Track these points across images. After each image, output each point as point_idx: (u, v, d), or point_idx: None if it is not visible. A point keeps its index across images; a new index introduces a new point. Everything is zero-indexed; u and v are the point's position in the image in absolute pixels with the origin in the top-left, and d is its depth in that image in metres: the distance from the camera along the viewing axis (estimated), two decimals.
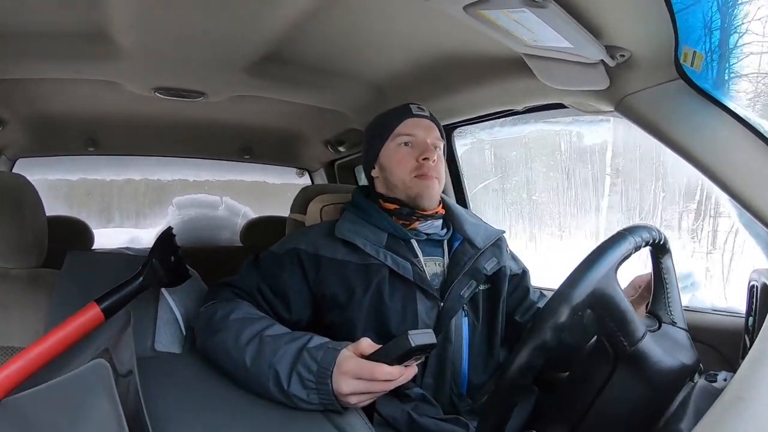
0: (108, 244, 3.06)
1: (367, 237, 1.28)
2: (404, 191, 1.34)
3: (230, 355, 1.04)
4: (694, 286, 1.58)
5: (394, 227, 1.32)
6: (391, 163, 1.36)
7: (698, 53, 0.97)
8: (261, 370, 0.98)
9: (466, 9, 0.91)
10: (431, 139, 1.37)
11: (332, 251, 1.28)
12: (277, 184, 3.58)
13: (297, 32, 1.34)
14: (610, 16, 0.95)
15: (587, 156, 2.67)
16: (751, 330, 1.04)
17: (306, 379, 0.93)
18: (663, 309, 0.99)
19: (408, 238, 1.32)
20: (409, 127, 1.37)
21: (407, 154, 1.35)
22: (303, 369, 0.94)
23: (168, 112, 2.23)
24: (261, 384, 0.98)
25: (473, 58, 1.45)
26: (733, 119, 1.07)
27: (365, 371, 0.91)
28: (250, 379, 1.00)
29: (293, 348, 0.98)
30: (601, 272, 0.84)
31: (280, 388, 0.95)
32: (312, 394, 0.93)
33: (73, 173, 3.06)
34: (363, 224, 1.33)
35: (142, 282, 1.11)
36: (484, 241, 1.35)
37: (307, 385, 0.93)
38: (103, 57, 1.48)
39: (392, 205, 1.36)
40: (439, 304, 1.26)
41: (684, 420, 0.79)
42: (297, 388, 0.94)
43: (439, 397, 1.24)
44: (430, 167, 1.33)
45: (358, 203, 1.41)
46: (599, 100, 1.25)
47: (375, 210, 1.36)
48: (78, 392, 0.70)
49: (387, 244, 1.29)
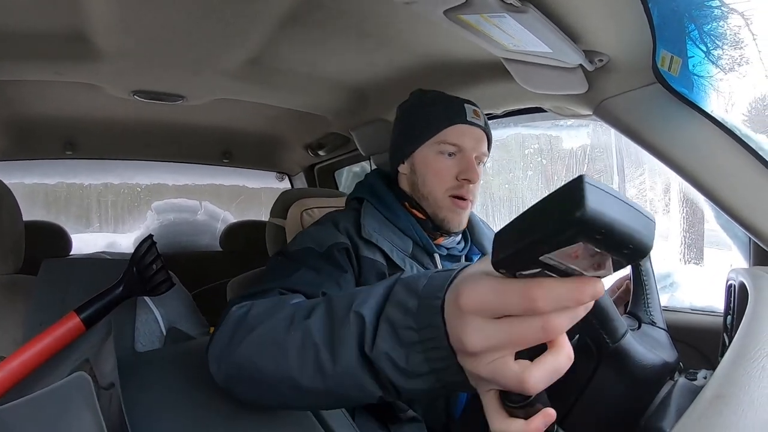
0: (86, 249, 3.01)
1: (393, 242, 1.16)
2: (432, 208, 1.20)
3: (283, 348, 0.62)
4: (673, 287, 1.60)
5: (421, 237, 1.19)
6: (427, 172, 1.20)
7: (675, 58, 0.99)
8: (335, 337, 0.58)
9: (447, 13, 0.91)
10: (478, 154, 1.20)
11: (371, 251, 1.13)
12: (257, 188, 3.56)
13: (278, 35, 1.34)
14: (589, 22, 0.96)
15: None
16: (730, 328, 1.06)
17: (400, 327, 0.52)
18: (642, 310, 1.00)
19: (434, 252, 1.20)
20: (457, 136, 1.18)
21: (448, 167, 1.18)
22: (395, 311, 0.53)
23: (147, 116, 2.21)
24: (337, 370, 0.57)
25: (454, 62, 1.46)
26: (710, 122, 1.09)
27: (513, 294, 0.43)
28: (322, 370, 0.58)
29: (380, 288, 0.58)
30: None
31: (361, 352, 0.55)
32: (415, 355, 0.51)
33: (50, 177, 3.02)
34: (386, 225, 1.20)
35: (122, 291, 1.09)
36: None
37: (403, 338, 0.52)
38: (82, 59, 1.46)
39: (419, 213, 1.22)
40: None
41: (665, 418, 0.80)
42: (387, 343, 0.53)
43: (431, 416, 1.15)
44: (469, 190, 1.18)
45: (380, 195, 1.25)
46: (578, 103, 1.26)
47: (402, 211, 1.22)
48: (59, 406, 0.69)
49: (412, 253, 1.18)
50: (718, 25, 0.94)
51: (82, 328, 1.00)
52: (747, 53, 1.09)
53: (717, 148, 1.10)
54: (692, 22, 0.95)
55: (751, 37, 1.12)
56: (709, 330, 1.39)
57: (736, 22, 0.95)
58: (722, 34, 0.96)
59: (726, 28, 0.95)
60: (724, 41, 0.97)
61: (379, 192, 1.26)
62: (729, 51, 0.98)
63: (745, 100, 3.10)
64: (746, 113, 3.20)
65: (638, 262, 1.01)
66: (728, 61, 1.02)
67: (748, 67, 0.97)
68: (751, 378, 0.57)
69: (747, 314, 0.79)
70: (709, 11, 0.94)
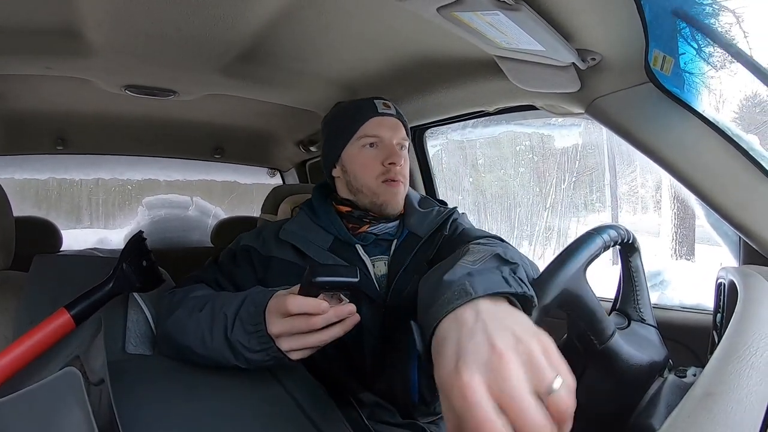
0: (77, 245, 3.00)
1: (312, 240, 1.25)
2: (370, 197, 1.28)
3: (186, 325, 1.01)
4: (663, 285, 1.61)
5: (339, 231, 1.27)
6: (356, 167, 1.29)
7: (668, 57, 0.99)
8: (214, 325, 0.96)
9: (440, 10, 0.91)
10: (397, 140, 1.30)
11: (283, 252, 1.24)
12: (249, 184, 3.55)
13: (270, 31, 1.33)
14: (581, 20, 0.96)
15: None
16: (719, 326, 1.06)
17: (246, 322, 0.91)
18: (632, 307, 1.01)
19: (352, 243, 1.27)
20: (374, 127, 1.28)
21: (372, 157, 1.28)
22: (244, 312, 0.92)
23: (139, 111, 2.20)
24: (214, 341, 0.95)
25: (446, 60, 1.46)
26: (701, 122, 1.10)
27: (281, 305, 0.86)
28: (205, 344, 0.97)
29: (240, 296, 0.97)
30: (570, 272, 0.85)
31: (226, 336, 0.93)
32: (252, 339, 0.90)
33: (41, 173, 2.99)
34: (311, 226, 1.29)
35: (112, 287, 1.09)
36: (428, 228, 1.27)
37: (246, 328, 0.91)
38: (74, 54, 1.45)
39: (345, 207, 1.31)
40: (383, 307, 1.20)
41: (655, 415, 0.81)
42: (239, 332, 0.91)
43: (394, 402, 1.20)
44: (397, 172, 1.27)
45: (312, 202, 1.36)
46: (570, 102, 1.27)
47: (324, 211, 1.32)
48: (49, 402, 0.69)
49: (333, 248, 1.25)
50: (710, 22, 0.94)
51: (73, 324, 1.00)
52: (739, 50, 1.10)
53: (708, 147, 1.11)
54: (684, 19, 0.95)
55: (743, 34, 1.12)
56: (699, 328, 1.40)
57: (727, 19, 0.96)
58: (714, 32, 0.96)
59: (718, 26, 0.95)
60: (715, 38, 0.97)
61: (312, 200, 1.38)
62: (720, 49, 0.98)
63: (736, 98, 3.13)
64: (737, 111, 3.23)
65: (629, 259, 1.02)
66: (719, 59, 1.02)
67: (737, 65, 0.97)
68: (741, 376, 0.58)
69: (737, 312, 0.80)
70: (701, 9, 0.94)
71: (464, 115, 1.79)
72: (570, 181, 4.73)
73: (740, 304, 0.84)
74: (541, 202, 4.73)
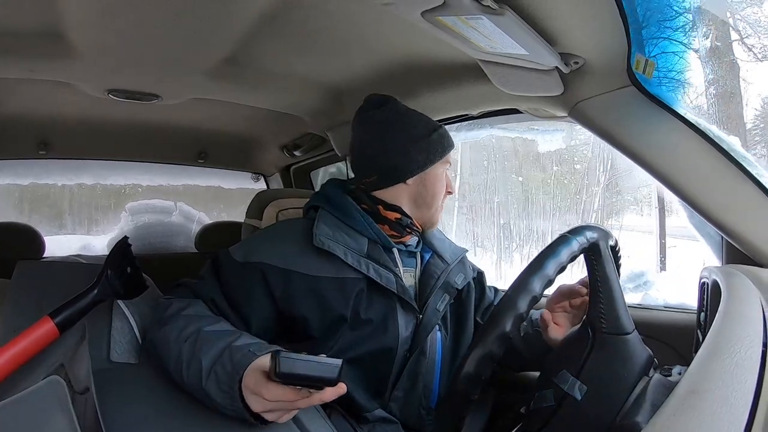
0: (59, 251, 2.96)
1: (347, 245, 1.19)
2: (430, 216, 1.32)
3: (170, 349, 0.98)
4: (647, 285, 1.62)
5: (377, 234, 1.23)
6: (437, 186, 1.30)
7: (650, 61, 1.00)
8: (191, 365, 0.93)
9: (424, 15, 0.91)
10: None
11: (305, 265, 1.16)
12: (233, 189, 3.53)
13: (255, 35, 1.32)
14: (564, 24, 0.97)
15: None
16: (703, 325, 1.07)
17: (221, 380, 0.87)
18: (598, 318, 0.93)
19: (391, 246, 1.25)
20: (450, 156, 1.35)
21: (447, 180, 1.34)
22: (220, 368, 0.88)
23: (122, 115, 2.18)
24: (190, 380, 0.93)
25: (431, 64, 1.46)
26: (683, 124, 1.11)
27: (258, 389, 0.83)
28: (182, 377, 0.95)
29: (221, 344, 0.93)
30: (546, 278, 0.85)
31: (199, 383, 0.90)
32: (226, 399, 0.87)
33: (23, 178, 2.93)
34: (341, 228, 1.22)
35: (96, 294, 1.08)
36: (452, 257, 1.34)
37: (221, 386, 0.87)
38: (57, 57, 1.43)
39: (394, 214, 1.26)
40: (417, 317, 1.22)
41: (640, 413, 0.81)
42: (213, 387, 0.88)
43: (406, 411, 1.21)
44: None
45: (334, 201, 1.28)
46: (553, 105, 1.28)
47: (356, 210, 1.25)
48: (33, 411, 0.68)
49: (367, 252, 1.21)
50: (692, 25, 0.95)
51: (57, 333, 0.99)
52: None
53: (690, 149, 1.12)
54: (666, 22, 0.96)
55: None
56: (683, 327, 1.41)
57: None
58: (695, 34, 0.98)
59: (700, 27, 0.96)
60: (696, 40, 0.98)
61: (333, 197, 1.29)
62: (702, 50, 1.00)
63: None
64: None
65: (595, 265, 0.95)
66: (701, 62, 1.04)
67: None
68: (725, 373, 0.58)
69: (720, 311, 0.81)
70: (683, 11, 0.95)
71: (449, 119, 1.79)
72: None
73: (724, 302, 0.85)
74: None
